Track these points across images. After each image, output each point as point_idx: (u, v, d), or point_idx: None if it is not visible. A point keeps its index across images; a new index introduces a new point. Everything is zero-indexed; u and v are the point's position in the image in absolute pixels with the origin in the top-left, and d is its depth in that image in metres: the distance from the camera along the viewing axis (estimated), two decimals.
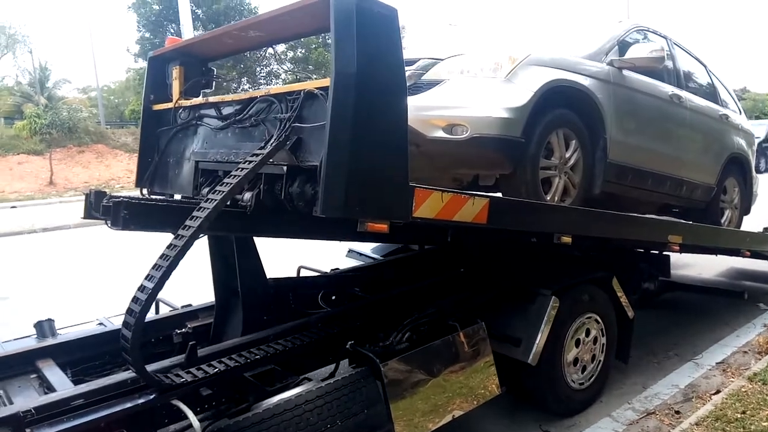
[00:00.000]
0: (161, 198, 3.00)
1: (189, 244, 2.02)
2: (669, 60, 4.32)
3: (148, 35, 28.59)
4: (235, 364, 2.45)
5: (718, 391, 3.54)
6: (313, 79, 2.22)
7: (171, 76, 3.02)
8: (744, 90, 39.08)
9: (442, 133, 2.99)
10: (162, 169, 3.09)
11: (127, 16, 40.80)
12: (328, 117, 1.96)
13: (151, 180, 3.14)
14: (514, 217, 2.84)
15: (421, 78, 3.19)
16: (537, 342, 3.02)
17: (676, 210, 4.90)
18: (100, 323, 3.11)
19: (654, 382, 3.82)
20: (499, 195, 3.19)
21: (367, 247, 4.58)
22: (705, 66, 5.14)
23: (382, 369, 2.49)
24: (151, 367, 2.27)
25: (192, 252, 2.07)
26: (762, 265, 6.08)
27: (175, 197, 3.04)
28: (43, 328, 2.88)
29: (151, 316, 3.00)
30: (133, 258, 4.55)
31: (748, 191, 5.41)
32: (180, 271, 2.05)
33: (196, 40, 3.10)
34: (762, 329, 4.80)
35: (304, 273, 3.88)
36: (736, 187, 5.20)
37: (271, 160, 2.20)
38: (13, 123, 25.11)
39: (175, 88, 2.98)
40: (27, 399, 2.21)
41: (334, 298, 3.56)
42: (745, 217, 5.49)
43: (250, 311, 2.94)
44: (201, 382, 2.30)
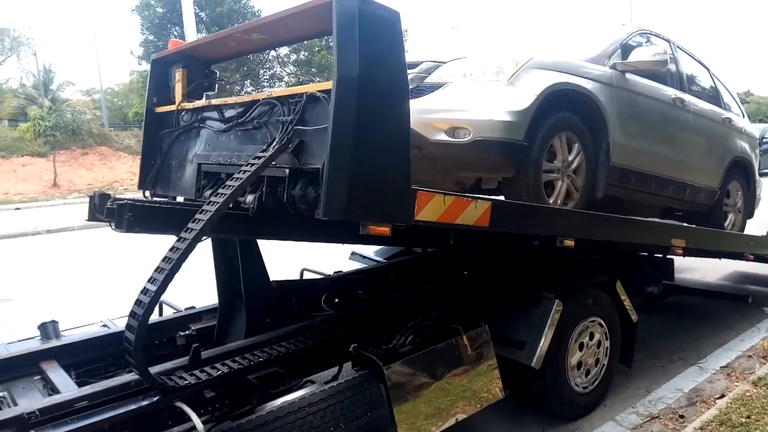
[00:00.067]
0: (165, 200, 3.01)
1: (191, 247, 2.01)
2: (672, 63, 4.32)
3: (151, 38, 28.73)
4: (239, 366, 2.45)
5: (723, 396, 3.52)
6: (316, 82, 2.22)
7: (174, 79, 3.02)
8: (748, 93, 38.95)
9: (444, 136, 2.99)
10: (165, 171, 3.10)
11: (131, 18, 40.98)
12: (330, 120, 1.96)
13: (153, 182, 3.14)
14: (516, 221, 2.83)
15: (424, 81, 3.19)
16: (540, 345, 3.01)
17: (680, 213, 4.89)
18: (104, 325, 3.11)
19: (658, 386, 3.81)
20: (501, 198, 3.19)
21: (370, 250, 4.58)
22: (708, 69, 5.13)
23: (385, 372, 2.49)
24: (154, 369, 2.27)
25: (196, 254, 2.08)
26: (766, 269, 6.05)
27: (178, 200, 3.05)
28: (47, 329, 2.89)
29: (155, 318, 3.01)
30: (137, 260, 4.55)
31: (752, 195, 5.40)
32: (184, 273, 2.06)
33: (199, 42, 3.10)
34: (766, 333, 4.78)
35: (307, 275, 3.89)
36: (740, 191, 5.19)
37: (273, 163, 2.20)
38: (17, 125, 25.24)
39: (178, 91, 2.98)
40: (31, 400, 2.22)
41: (337, 300, 3.56)
42: (748, 221, 5.48)
43: (253, 314, 2.94)
44: (204, 385, 2.30)
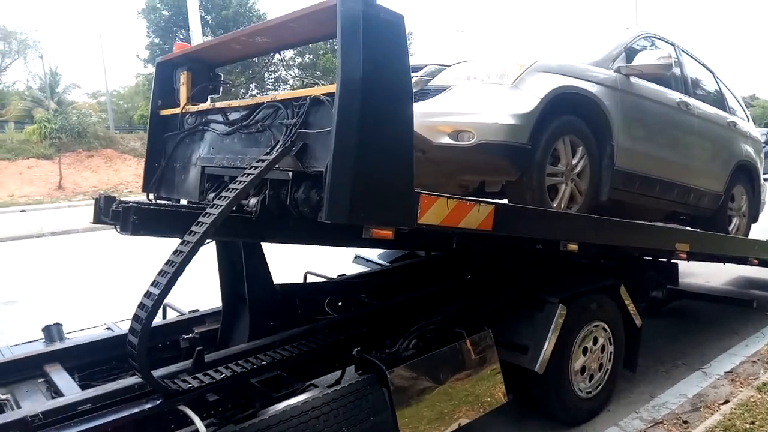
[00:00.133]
0: (170, 203, 3.02)
1: (195, 250, 2.02)
2: (676, 67, 4.31)
3: (157, 41, 28.83)
4: (242, 369, 2.46)
5: (727, 401, 3.50)
6: (321, 85, 2.23)
7: (179, 82, 3.03)
8: (753, 97, 38.79)
9: (448, 140, 2.99)
10: (169, 174, 3.11)
11: (137, 21, 41.22)
12: (333, 123, 1.96)
13: (157, 185, 3.15)
14: (519, 224, 2.82)
15: (428, 84, 3.19)
16: (544, 350, 3.00)
17: (684, 218, 4.87)
18: (108, 328, 3.12)
19: (662, 391, 3.79)
20: (504, 202, 3.19)
21: (373, 254, 4.58)
22: (713, 73, 5.13)
23: (388, 376, 2.48)
24: (157, 372, 2.28)
25: (201, 257, 2.08)
26: None
27: (182, 202, 3.06)
28: (51, 332, 2.90)
29: (159, 321, 3.02)
30: (141, 262, 4.56)
31: (756, 199, 5.38)
32: (188, 276, 2.06)
33: (203, 45, 3.11)
34: None
35: (311, 279, 3.90)
36: (744, 195, 5.17)
37: (276, 166, 2.20)
38: (24, 127, 25.37)
39: (183, 94, 3.00)
40: (35, 403, 2.23)
41: (340, 304, 3.57)
42: (753, 225, 5.45)
43: (256, 317, 2.95)
44: (208, 388, 2.31)
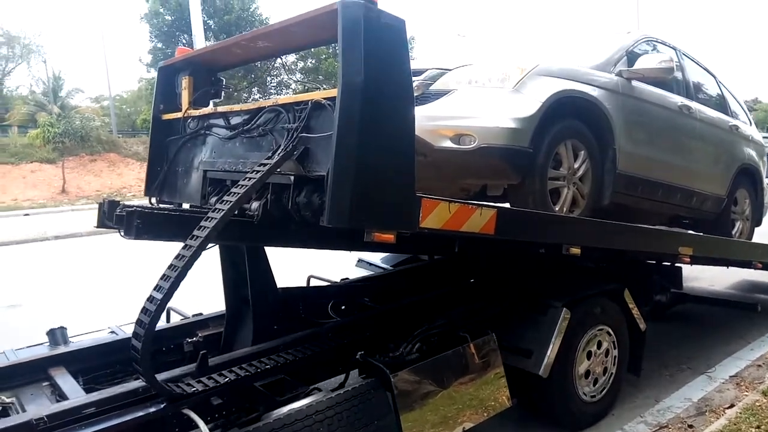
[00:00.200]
0: (173, 207, 3.03)
1: (197, 255, 2.02)
2: (678, 71, 4.31)
3: (160, 45, 28.99)
4: (246, 373, 2.46)
5: (732, 405, 3.49)
6: (323, 89, 2.24)
7: (180, 86, 3.04)
8: (756, 101, 38.76)
9: (449, 143, 2.99)
10: (171, 178, 3.12)
11: (140, 26, 41.34)
12: (335, 127, 1.97)
13: (160, 189, 3.16)
14: (521, 228, 2.83)
15: (429, 88, 3.19)
16: (548, 354, 3.00)
17: (687, 221, 4.87)
18: (112, 331, 3.13)
19: (666, 395, 3.78)
20: (507, 206, 3.19)
21: (376, 257, 4.58)
22: (715, 77, 5.12)
23: (392, 380, 2.48)
24: (161, 376, 2.28)
25: (205, 260, 2.08)
26: None
27: (184, 206, 3.07)
28: (56, 335, 2.90)
29: (162, 324, 3.02)
30: (145, 266, 4.58)
31: (759, 202, 5.37)
32: (192, 279, 2.07)
33: (205, 50, 3.13)
34: None
35: (314, 283, 3.89)
36: (747, 198, 5.16)
37: (278, 170, 2.21)
38: (27, 132, 25.49)
39: (185, 98, 3.01)
40: (39, 407, 2.23)
41: (344, 308, 3.56)
42: (756, 229, 5.44)
43: (260, 321, 2.95)
44: (211, 392, 2.31)
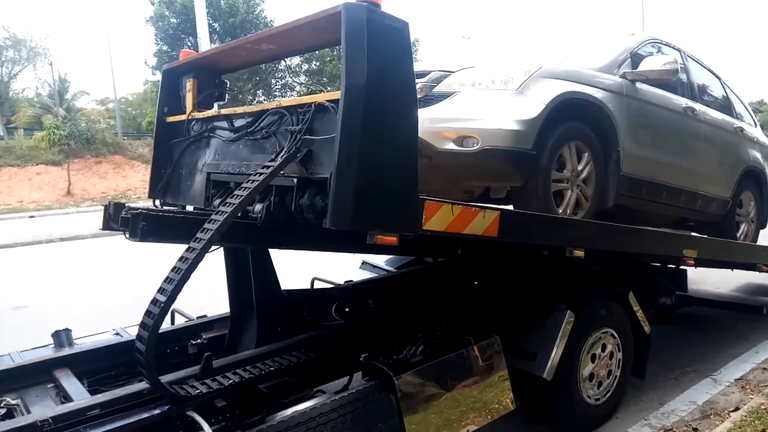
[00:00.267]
0: (178, 210, 3.04)
1: (200, 257, 2.02)
2: (683, 72, 4.30)
3: (165, 48, 29.08)
4: (250, 375, 2.46)
5: (737, 408, 3.47)
6: (327, 92, 2.24)
7: (185, 89, 3.05)
8: (761, 102, 38.53)
9: (452, 145, 2.99)
10: (175, 180, 3.13)
11: (146, 29, 41.43)
12: (338, 129, 1.97)
13: (164, 191, 3.17)
14: (525, 231, 2.82)
15: (432, 90, 3.19)
16: (552, 357, 2.99)
17: (692, 223, 4.84)
18: (117, 333, 3.14)
19: (671, 398, 3.76)
20: (510, 208, 3.18)
21: (380, 260, 4.58)
22: (719, 78, 5.11)
23: (396, 382, 2.48)
24: (166, 378, 2.28)
25: (210, 263, 2.09)
26: None
27: (188, 208, 3.07)
28: (61, 337, 2.91)
29: (167, 326, 3.03)
30: (150, 268, 4.59)
31: (765, 204, 5.34)
32: (197, 281, 2.07)
33: (209, 53, 3.13)
34: None
35: (318, 285, 3.90)
36: (752, 201, 5.13)
37: (281, 172, 2.21)
38: (33, 134, 25.62)
39: (189, 101, 3.01)
40: (44, 409, 2.23)
41: (347, 310, 3.56)
42: (761, 231, 5.41)
43: (264, 323, 2.95)
44: (215, 394, 2.31)
